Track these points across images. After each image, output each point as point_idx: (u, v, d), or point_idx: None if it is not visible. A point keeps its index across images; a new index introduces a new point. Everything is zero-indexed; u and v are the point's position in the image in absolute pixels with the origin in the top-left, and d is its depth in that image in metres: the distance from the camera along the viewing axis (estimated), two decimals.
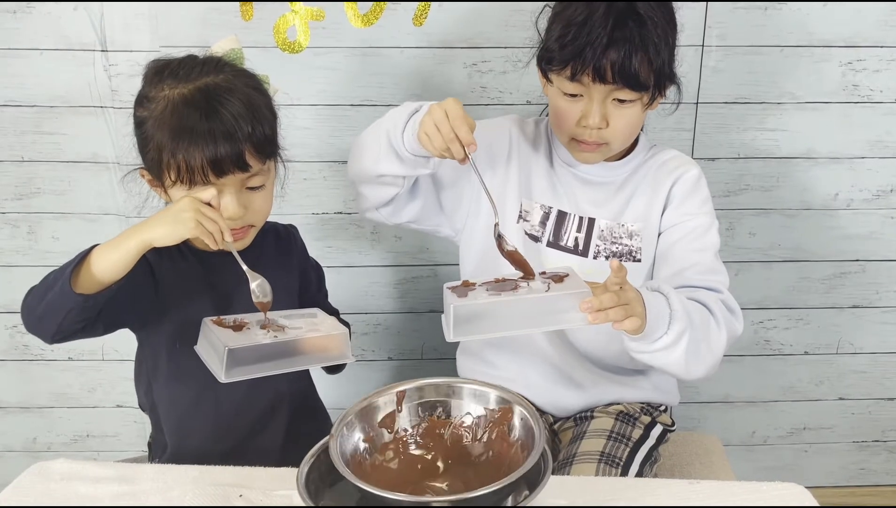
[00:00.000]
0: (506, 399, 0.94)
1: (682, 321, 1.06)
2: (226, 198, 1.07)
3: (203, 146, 1.03)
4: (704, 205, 1.25)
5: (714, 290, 1.17)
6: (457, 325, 0.98)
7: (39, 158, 1.56)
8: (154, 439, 1.27)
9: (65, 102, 1.52)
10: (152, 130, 1.06)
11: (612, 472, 1.17)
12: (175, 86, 1.06)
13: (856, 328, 1.72)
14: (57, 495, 0.97)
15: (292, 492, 0.87)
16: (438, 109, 1.07)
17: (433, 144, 1.08)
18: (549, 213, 1.27)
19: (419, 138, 1.09)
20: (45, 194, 1.58)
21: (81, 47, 1.48)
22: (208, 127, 1.03)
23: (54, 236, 1.60)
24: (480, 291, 1.01)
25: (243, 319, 1.06)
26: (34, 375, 1.70)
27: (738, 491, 0.98)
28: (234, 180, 1.07)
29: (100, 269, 1.00)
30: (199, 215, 1.00)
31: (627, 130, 1.19)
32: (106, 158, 1.55)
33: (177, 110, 1.04)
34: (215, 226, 1.01)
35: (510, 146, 1.29)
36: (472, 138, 1.06)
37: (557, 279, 1.03)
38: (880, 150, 1.60)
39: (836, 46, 1.52)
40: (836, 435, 1.81)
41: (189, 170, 1.03)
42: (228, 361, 0.97)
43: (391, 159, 1.16)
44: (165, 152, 1.04)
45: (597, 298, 0.98)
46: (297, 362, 1.03)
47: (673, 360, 1.08)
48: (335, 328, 1.07)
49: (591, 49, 1.10)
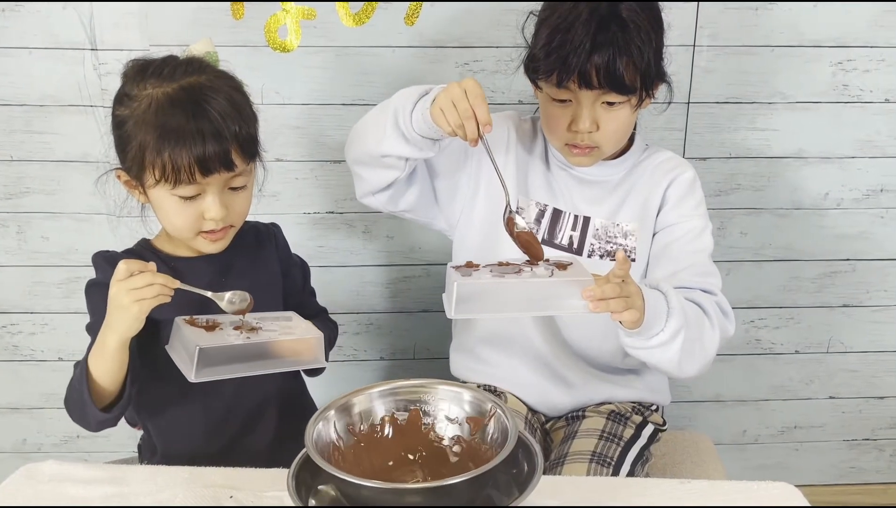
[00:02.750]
0: (480, 399, 0.95)
1: (679, 319, 1.07)
2: (208, 198, 1.07)
3: (191, 145, 1.02)
4: (699, 207, 1.26)
5: (709, 292, 1.18)
6: (459, 302, 0.98)
7: (29, 158, 1.55)
8: (145, 441, 1.26)
9: (54, 102, 1.51)
10: (135, 129, 1.05)
11: (603, 472, 1.17)
12: (159, 85, 1.05)
13: (846, 327, 1.73)
14: (46, 497, 0.97)
15: (283, 493, 0.87)
16: (457, 86, 1.06)
17: (447, 119, 1.06)
18: (545, 211, 1.28)
19: (432, 114, 1.08)
20: (35, 194, 1.57)
21: (71, 46, 1.48)
22: (196, 126, 1.03)
23: (44, 236, 1.60)
24: (484, 272, 1.03)
25: (216, 319, 1.05)
26: (24, 375, 1.69)
27: (729, 491, 0.98)
28: (218, 180, 1.06)
29: (105, 380, 1.05)
30: (135, 295, 0.97)
31: (618, 132, 1.20)
32: (96, 158, 1.54)
33: (162, 109, 1.03)
34: (153, 289, 0.98)
35: (508, 142, 1.29)
36: (490, 118, 1.05)
37: (561, 266, 1.04)
38: (870, 149, 1.60)
39: (826, 46, 1.53)
40: (826, 434, 1.82)
41: (175, 169, 1.03)
42: (199, 360, 0.96)
43: (396, 139, 1.15)
44: (150, 151, 1.03)
45: (599, 287, 0.99)
46: (269, 364, 1.02)
47: (667, 357, 1.09)
48: (309, 331, 1.06)
49: (574, 56, 1.10)
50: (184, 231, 1.10)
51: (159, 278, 0.98)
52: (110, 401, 1.07)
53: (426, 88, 1.13)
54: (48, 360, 1.68)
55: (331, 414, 0.92)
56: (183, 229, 1.09)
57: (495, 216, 1.27)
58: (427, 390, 0.96)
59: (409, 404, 0.96)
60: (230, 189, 1.09)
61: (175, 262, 1.15)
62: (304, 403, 1.31)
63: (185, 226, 1.09)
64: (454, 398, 0.95)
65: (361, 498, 0.83)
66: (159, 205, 1.09)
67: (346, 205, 1.59)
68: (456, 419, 0.95)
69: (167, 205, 1.08)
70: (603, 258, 1.25)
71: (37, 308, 1.65)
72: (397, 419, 0.96)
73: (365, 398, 0.95)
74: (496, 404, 0.92)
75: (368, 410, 0.95)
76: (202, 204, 1.07)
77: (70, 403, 1.11)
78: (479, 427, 0.93)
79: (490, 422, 0.92)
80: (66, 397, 1.12)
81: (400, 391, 0.96)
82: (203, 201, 1.07)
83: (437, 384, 0.96)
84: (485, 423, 0.93)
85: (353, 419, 0.94)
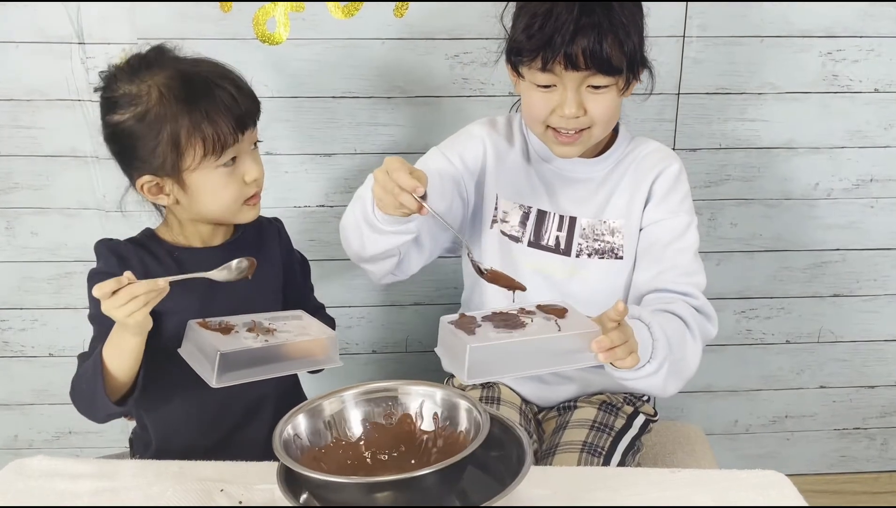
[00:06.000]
0: (452, 396, 0.95)
1: (664, 350, 1.07)
2: (246, 160, 1.10)
3: (223, 108, 1.05)
4: (684, 202, 1.24)
5: (689, 295, 1.18)
6: (471, 366, 0.92)
7: (17, 153, 1.54)
8: (137, 435, 1.26)
9: (42, 96, 1.50)
10: (155, 123, 1.04)
11: (594, 462, 1.17)
12: (156, 73, 1.05)
13: (836, 316, 1.73)
14: (35, 492, 0.96)
15: (273, 486, 0.86)
16: (379, 172, 1.06)
17: (388, 206, 1.06)
18: (529, 213, 1.27)
19: (379, 208, 1.09)
20: (23, 189, 1.56)
21: (58, 40, 1.46)
22: (217, 91, 1.05)
23: (33, 231, 1.59)
24: (487, 328, 0.96)
25: (229, 321, 1.05)
26: (15, 371, 1.68)
27: (717, 479, 0.99)
28: (248, 139, 1.10)
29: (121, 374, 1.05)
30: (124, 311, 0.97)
31: (606, 115, 1.17)
32: (84, 153, 1.53)
33: (177, 90, 1.04)
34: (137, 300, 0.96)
35: (484, 151, 1.28)
36: (413, 181, 1.02)
37: (559, 314, 1.00)
38: (860, 140, 1.61)
39: (815, 37, 1.53)
40: (817, 423, 1.83)
41: (218, 136, 1.05)
42: (221, 365, 0.96)
43: (377, 237, 1.15)
44: (184, 132, 1.04)
45: (607, 337, 0.96)
46: (286, 366, 1.03)
47: (653, 384, 1.09)
48: (323, 331, 1.07)
49: (559, 36, 1.09)
50: (231, 204, 1.11)
51: (139, 287, 0.96)
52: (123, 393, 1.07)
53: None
54: (39, 356, 1.68)
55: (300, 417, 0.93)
56: (230, 201, 1.11)
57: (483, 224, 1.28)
58: (400, 390, 0.97)
59: (383, 403, 0.97)
60: (254, 148, 1.13)
61: (178, 252, 1.15)
62: (298, 397, 1.31)
63: (232, 197, 1.10)
64: (428, 396, 0.96)
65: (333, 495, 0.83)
66: (202, 188, 1.09)
67: (337, 198, 1.59)
68: (430, 416, 0.96)
69: (211, 183, 1.08)
70: (592, 258, 1.25)
71: (26, 304, 1.64)
72: (372, 419, 0.96)
73: (336, 400, 0.96)
74: (468, 400, 0.93)
75: (341, 412, 0.96)
76: (241, 169, 1.10)
77: (78, 396, 1.10)
78: (453, 424, 0.94)
79: (463, 418, 0.93)
80: (72, 389, 1.12)
81: (373, 392, 0.97)
82: (240, 166, 1.09)
83: (410, 384, 0.97)
84: (458, 420, 0.93)
85: (325, 420, 0.94)
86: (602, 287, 1.24)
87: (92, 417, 1.11)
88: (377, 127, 1.55)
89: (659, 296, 1.18)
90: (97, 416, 1.10)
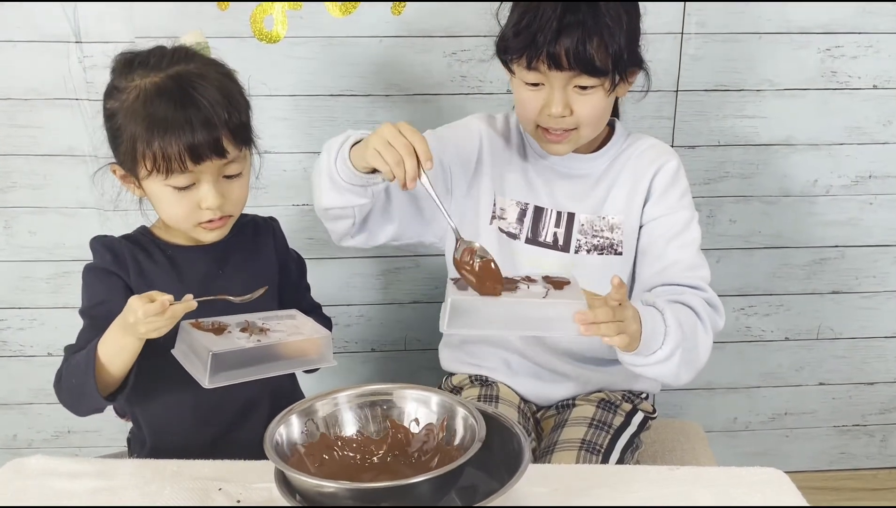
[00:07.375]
0: (447, 402, 0.95)
1: (676, 336, 1.07)
2: (203, 187, 1.06)
3: (180, 134, 1.02)
4: (684, 197, 1.24)
5: (698, 288, 1.18)
6: (452, 317, 0.97)
7: (14, 152, 1.54)
8: (134, 434, 1.26)
9: (39, 95, 1.50)
10: (125, 121, 1.04)
11: (592, 459, 1.17)
12: (146, 75, 1.05)
13: (836, 313, 1.73)
14: (33, 491, 0.96)
15: (271, 484, 0.86)
16: (390, 125, 1.04)
17: (385, 159, 1.03)
18: (526, 209, 1.26)
19: (368, 156, 1.05)
20: (21, 188, 1.56)
21: (55, 39, 1.46)
22: (184, 115, 1.02)
23: (31, 230, 1.59)
24: None
25: (222, 321, 1.05)
26: (14, 371, 1.68)
27: (716, 476, 0.99)
28: (211, 168, 1.06)
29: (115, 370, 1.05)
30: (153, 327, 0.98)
31: (593, 116, 1.17)
32: (82, 151, 1.53)
33: (150, 99, 1.03)
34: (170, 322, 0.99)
35: (480, 145, 1.28)
36: (431, 154, 1.02)
37: (558, 285, 1.02)
38: (858, 136, 1.60)
39: (814, 33, 1.53)
40: (816, 420, 1.83)
41: (166, 159, 1.02)
42: (213, 366, 0.96)
43: (331, 191, 1.14)
44: (140, 142, 1.03)
45: (592, 311, 0.96)
46: (279, 366, 1.02)
47: (666, 371, 1.09)
48: (317, 331, 1.06)
49: (542, 35, 1.09)
50: (181, 222, 1.10)
51: (180, 309, 0.99)
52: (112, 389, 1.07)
53: (346, 135, 1.13)
54: (37, 355, 1.68)
55: (292, 418, 0.92)
56: (180, 219, 1.09)
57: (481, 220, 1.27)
58: (395, 393, 0.97)
59: (377, 406, 0.96)
60: (225, 177, 1.08)
61: (172, 250, 1.15)
62: (295, 395, 1.31)
63: (182, 216, 1.09)
64: (422, 401, 0.96)
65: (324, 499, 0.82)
66: (155, 197, 1.08)
67: None
68: (424, 421, 0.95)
69: (163, 196, 1.07)
70: (591, 254, 1.25)
71: (24, 303, 1.64)
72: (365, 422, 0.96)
73: (330, 401, 0.95)
74: (464, 405, 0.93)
75: (334, 413, 0.95)
76: (198, 194, 1.06)
77: (65, 388, 1.10)
78: (448, 430, 0.93)
79: (458, 424, 0.92)
80: (58, 381, 1.11)
81: (368, 395, 0.96)
82: (198, 190, 1.06)
83: (405, 387, 0.97)
84: (454, 426, 0.92)
85: (317, 422, 0.94)
86: (601, 283, 1.24)
87: (75, 410, 1.11)
88: (375, 125, 1.53)
89: (668, 289, 1.18)
90: (80, 410, 1.10)
